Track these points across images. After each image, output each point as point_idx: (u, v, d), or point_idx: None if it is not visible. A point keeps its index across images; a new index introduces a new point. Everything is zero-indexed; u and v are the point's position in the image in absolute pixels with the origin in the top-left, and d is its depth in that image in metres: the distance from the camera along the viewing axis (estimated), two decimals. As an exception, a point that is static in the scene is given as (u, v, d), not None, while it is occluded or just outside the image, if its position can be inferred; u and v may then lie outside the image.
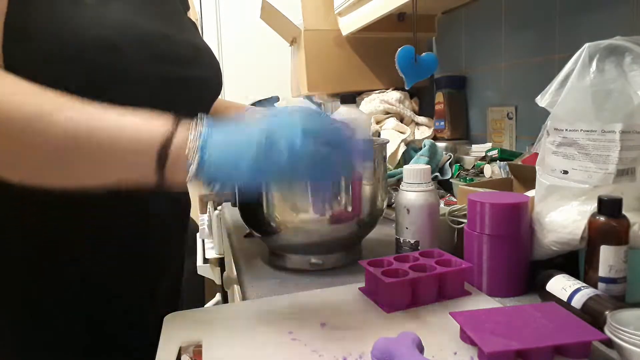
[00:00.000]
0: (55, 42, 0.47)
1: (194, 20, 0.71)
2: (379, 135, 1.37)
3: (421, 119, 1.47)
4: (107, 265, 0.59)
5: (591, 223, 0.53)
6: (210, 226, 1.70)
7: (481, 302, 0.56)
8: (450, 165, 1.11)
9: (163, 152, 0.43)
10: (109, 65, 0.49)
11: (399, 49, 1.09)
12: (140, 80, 0.51)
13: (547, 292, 0.54)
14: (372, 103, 1.47)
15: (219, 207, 1.38)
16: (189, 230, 0.76)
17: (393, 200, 0.90)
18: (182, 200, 0.73)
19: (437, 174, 1.08)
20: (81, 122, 0.43)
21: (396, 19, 1.47)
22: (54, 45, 0.47)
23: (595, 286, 0.52)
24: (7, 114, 0.41)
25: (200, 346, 0.48)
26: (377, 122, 1.44)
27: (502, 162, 0.97)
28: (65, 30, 0.47)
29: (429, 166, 0.68)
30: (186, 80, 0.56)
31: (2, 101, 0.42)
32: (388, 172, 1.01)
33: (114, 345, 0.62)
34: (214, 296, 1.98)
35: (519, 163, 0.88)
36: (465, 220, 0.64)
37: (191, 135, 0.44)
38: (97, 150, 0.43)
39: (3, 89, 0.42)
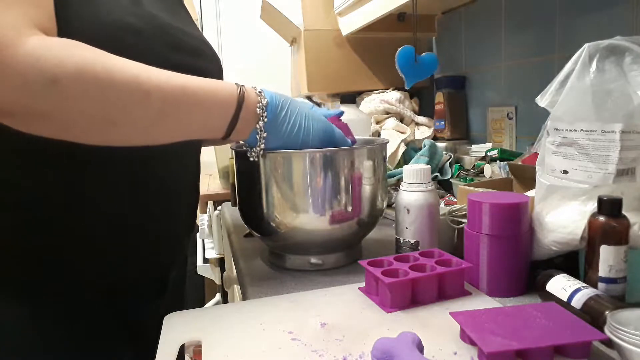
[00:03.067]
0: (92, 25, 0.51)
1: (193, 19, 0.74)
2: (379, 135, 1.37)
3: (421, 119, 1.47)
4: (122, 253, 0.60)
5: (591, 223, 0.53)
6: (210, 226, 1.70)
7: (481, 302, 0.56)
8: (450, 165, 1.11)
9: (239, 104, 0.56)
10: (133, 48, 0.53)
11: (399, 49, 1.09)
12: (157, 65, 0.54)
13: (547, 292, 0.54)
14: (372, 103, 1.47)
15: (219, 207, 1.38)
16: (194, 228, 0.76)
17: (393, 200, 0.90)
18: (195, 192, 0.74)
19: (437, 174, 1.08)
20: (171, 80, 0.51)
21: (396, 19, 1.47)
22: (91, 28, 0.51)
23: (595, 286, 0.52)
24: (118, 78, 0.47)
25: (200, 346, 0.48)
26: (377, 122, 1.44)
27: (502, 162, 0.97)
28: (100, 15, 0.52)
29: (429, 166, 0.68)
30: (195, 70, 0.60)
31: (109, 68, 0.47)
32: (388, 172, 1.01)
33: (117, 339, 0.62)
34: (214, 296, 1.98)
35: (519, 163, 0.88)
36: (465, 220, 0.64)
37: (259, 96, 0.58)
38: (188, 103, 0.52)
39: (101, 57, 0.47)
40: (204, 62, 0.65)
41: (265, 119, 0.58)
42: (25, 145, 0.51)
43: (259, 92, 0.59)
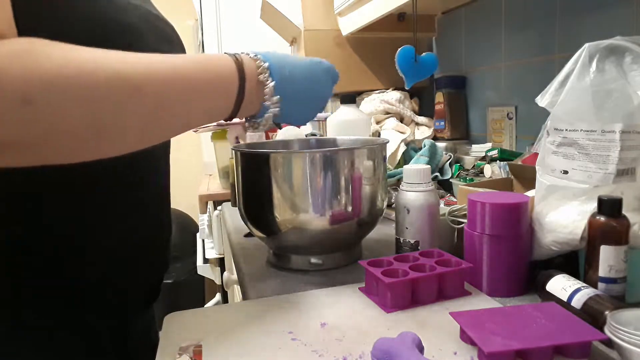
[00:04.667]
0: (72, 20, 0.47)
1: (193, 20, 0.73)
2: (379, 135, 1.37)
3: (421, 119, 1.47)
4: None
5: (591, 223, 0.53)
6: (210, 226, 1.70)
7: (481, 302, 0.56)
8: (450, 165, 1.11)
9: (242, 76, 0.50)
10: (130, 48, 0.48)
11: (399, 49, 1.09)
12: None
13: (547, 292, 0.54)
14: (372, 103, 1.47)
15: (219, 207, 1.38)
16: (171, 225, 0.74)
17: (393, 200, 0.90)
18: (167, 194, 0.71)
19: (437, 174, 1.08)
20: (159, 65, 0.44)
21: (396, 19, 1.47)
22: (70, 23, 0.47)
23: (595, 286, 0.52)
24: (101, 78, 0.40)
25: (200, 346, 0.48)
26: (377, 122, 1.44)
27: (502, 162, 0.97)
28: (92, 14, 0.48)
29: (429, 166, 0.68)
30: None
31: (87, 67, 0.39)
32: (388, 172, 1.01)
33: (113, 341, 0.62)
34: (214, 296, 1.98)
35: (519, 163, 0.88)
36: (465, 220, 0.64)
37: (256, 61, 0.53)
38: (186, 88, 0.46)
39: (87, 54, 0.41)
40: (178, 48, 0.63)
41: (272, 84, 0.53)
42: None
43: (255, 56, 0.53)
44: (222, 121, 0.55)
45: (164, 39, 0.58)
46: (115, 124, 0.42)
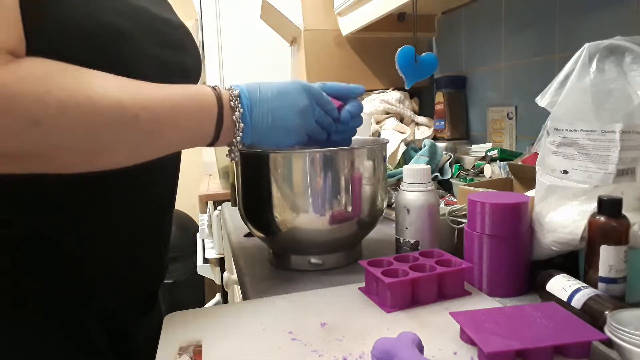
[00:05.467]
0: (69, 26, 0.47)
1: (193, 20, 0.73)
2: (379, 135, 1.37)
3: (421, 119, 1.47)
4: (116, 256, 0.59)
5: (591, 223, 0.53)
6: (210, 226, 1.70)
7: (481, 302, 0.56)
8: (450, 165, 1.11)
9: (220, 105, 0.54)
10: (118, 51, 0.50)
11: (399, 49, 1.09)
12: (144, 65, 0.53)
13: (547, 292, 0.54)
14: (372, 103, 1.47)
15: (219, 207, 1.38)
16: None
17: (393, 200, 0.90)
18: (172, 197, 0.71)
19: (437, 174, 1.08)
20: (154, 96, 0.49)
21: (396, 19, 1.47)
22: (67, 28, 0.47)
23: (595, 286, 0.52)
24: (104, 106, 0.44)
25: (200, 346, 0.48)
26: (377, 122, 1.44)
27: (502, 162, 0.97)
28: (80, 15, 0.48)
29: (429, 166, 0.68)
30: (180, 64, 0.59)
31: (91, 95, 0.44)
32: (388, 172, 1.01)
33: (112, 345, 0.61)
34: (214, 296, 1.98)
35: (519, 163, 0.88)
36: (465, 220, 0.64)
37: (230, 91, 0.56)
38: (175, 115, 0.50)
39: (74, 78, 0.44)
40: (188, 55, 0.64)
41: (241, 110, 0.56)
42: None
43: (230, 87, 0.57)
44: None
45: (166, 44, 0.58)
46: (112, 146, 0.47)
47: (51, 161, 0.44)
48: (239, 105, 0.56)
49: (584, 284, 0.52)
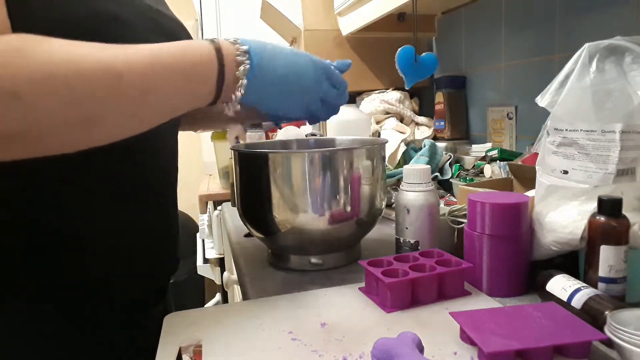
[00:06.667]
0: (62, 12, 0.47)
1: (193, 20, 0.73)
2: (379, 135, 1.37)
3: (421, 119, 1.47)
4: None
5: (591, 223, 0.53)
6: (210, 226, 1.70)
7: (481, 302, 0.56)
8: (450, 165, 1.11)
9: (220, 59, 0.50)
10: (114, 36, 0.49)
11: (399, 49, 1.09)
12: None
13: (547, 292, 0.54)
14: (372, 103, 1.47)
15: (219, 207, 1.38)
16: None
17: (393, 200, 0.90)
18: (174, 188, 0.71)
19: (437, 174, 1.08)
20: (139, 52, 0.45)
21: (396, 19, 1.47)
22: (61, 15, 0.47)
23: (595, 286, 0.52)
24: (85, 69, 0.42)
25: (200, 346, 0.48)
26: (377, 122, 1.44)
27: (502, 162, 0.97)
28: (74, 1, 0.48)
29: (429, 166, 0.68)
30: None
31: (71, 59, 0.41)
32: (388, 172, 1.01)
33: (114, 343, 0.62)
34: (214, 296, 1.98)
35: (519, 163, 0.88)
36: (465, 220, 0.64)
37: (235, 45, 0.52)
38: (166, 72, 0.47)
39: (63, 47, 0.42)
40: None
41: (247, 65, 0.52)
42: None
43: (235, 40, 0.53)
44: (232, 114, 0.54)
45: (162, 33, 0.58)
46: (102, 113, 0.43)
47: (40, 140, 0.42)
48: (248, 62, 0.52)
49: (584, 284, 0.52)
